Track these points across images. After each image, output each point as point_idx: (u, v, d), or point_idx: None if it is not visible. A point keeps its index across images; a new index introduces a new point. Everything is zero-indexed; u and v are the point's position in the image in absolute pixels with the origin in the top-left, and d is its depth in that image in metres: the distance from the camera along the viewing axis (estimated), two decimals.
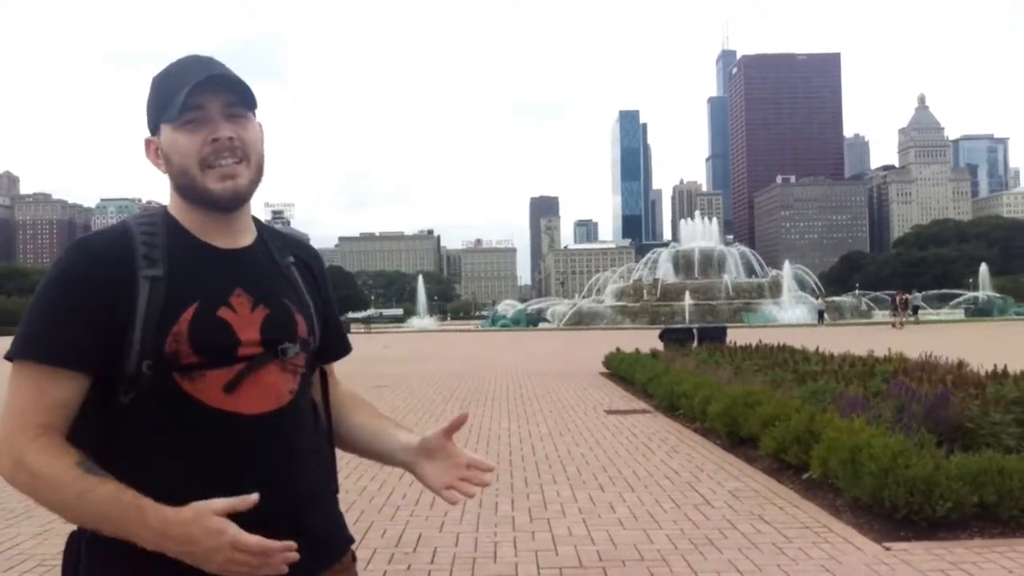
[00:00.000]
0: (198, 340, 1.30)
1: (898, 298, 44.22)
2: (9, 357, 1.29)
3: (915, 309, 51.87)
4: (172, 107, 1.33)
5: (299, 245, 1.55)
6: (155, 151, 1.39)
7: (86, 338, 1.27)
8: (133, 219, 1.39)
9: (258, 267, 1.42)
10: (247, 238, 1.44)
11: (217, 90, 1.34)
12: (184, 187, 1.37)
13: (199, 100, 1.33)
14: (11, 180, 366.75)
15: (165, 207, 1.42)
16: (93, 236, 1.36)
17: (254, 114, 1.41)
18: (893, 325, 39.16)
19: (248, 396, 1.32)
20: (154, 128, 1.39)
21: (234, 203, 1.38)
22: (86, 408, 1.30)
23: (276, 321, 1.38)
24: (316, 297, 1.49)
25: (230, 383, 1.31)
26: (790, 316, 51.32)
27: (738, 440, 7.57)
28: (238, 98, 1.37)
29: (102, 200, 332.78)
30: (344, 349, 1.62)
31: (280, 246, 1.49)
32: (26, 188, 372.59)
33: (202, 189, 1.35)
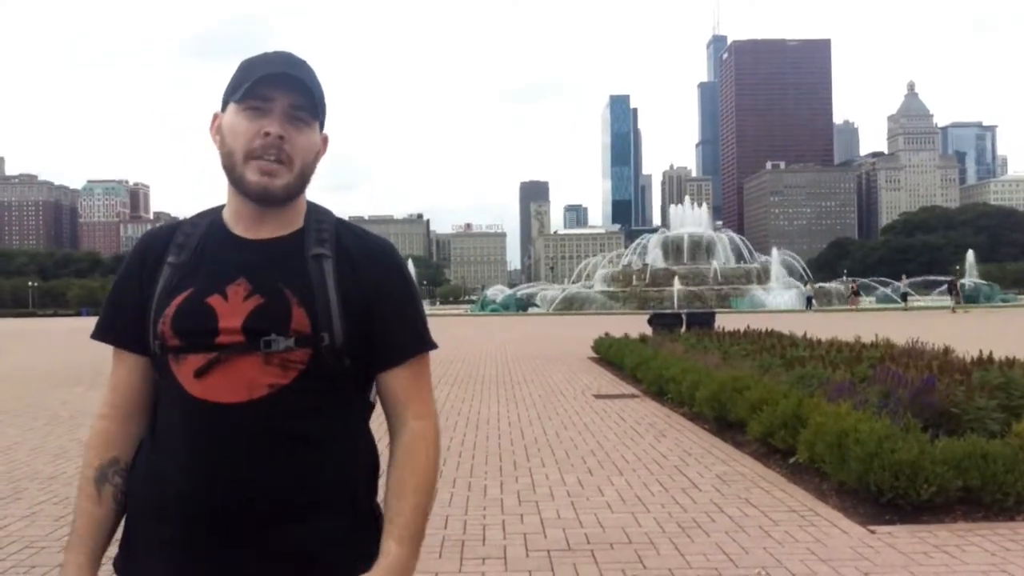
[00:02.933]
0: (178, 324, 1.34)
1: (955, 284, 45.55)
2: (91, 336, 1.50)
3: (904, 296, 52.21)
4: (241, 88, 1.35)
5: (356, 239, 1.44)
6: (217, 126, 1.41)
7: (126, 320, 1.42)
8: (191, 216, 1.49)
9: (274, 258, 1.38)
10: (286, 230, 1.41)
11: (289, 88, 1.36)
12: (226, 168, 1.39)
13: (270, 92, 1.35)
14: None
15: (223, 205, 1.46)
16: (149, 230, 1.51)
17: (321, 124, 1.43)
18: (952, 310, 40.05)
19: (215, 384, 1.31)
20: (224, 104, 1.41)
21: (263, 198, 1.37)
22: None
23: (265, 312, 1.33)
24: (355, 295, 1.37)
25: (200, 369, 1.32)
26: (778, 302, 51.50)
27: (726, 425, 7.61)
28: (305, 101, 1.38)
29: (88, 182, 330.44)
30: (394, 359, 1.42)
31: (323, 239, 1.40)
32: (11, 169, 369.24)
33: (239, 176, 1.37)
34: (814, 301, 49.70)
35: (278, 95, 1.35)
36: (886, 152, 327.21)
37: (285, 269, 1.37)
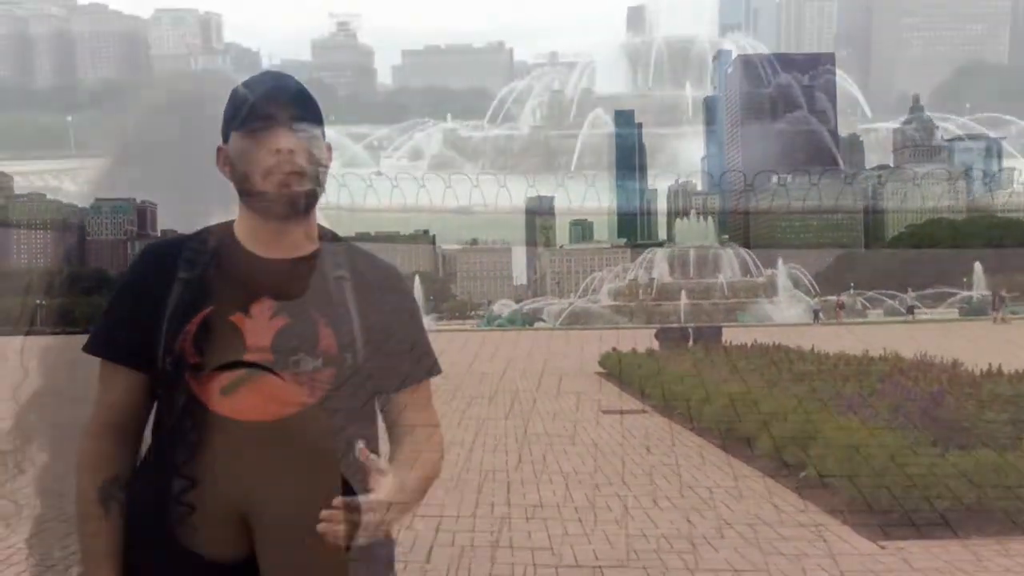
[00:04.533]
0: (203, 341, 1.33)
1: (996, 295, 45.91)
2: (85, 350, 1.45)
3: (911, 309, 52.08)
4: (241, 115, 1.38)
5: (369, 263, 1.48)
6: (224, 158, 1.42)
7: (135, 336, 1.38)
8: (194, 232, 1.47)
9: (296, 278, 1.39)
10: (302, 250, 1.42)
11: (286, 103, 1.38)
12: (244, 193, 1.40)
13: (268, 111, 1.37)
14: (5, 179, 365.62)
15: (233, 221, 1.46)
16: (155, 243, 1.50)
17: (322, 133, 1.44)
18: (994, 320, 40.20)
19: (245, 402, 1.31)
20: (226, 136, 1.42)
21: (288, 210, 1.38)
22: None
23: (294, 332, 1.34)
24: (373, 317, 1.41)
25: (227, 387, 1.32)
26: (785, 315, 51.34)
27: (735, 439, 7.56)
28: (305, 113, 1.40)
29: (97, 200, 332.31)
30: (405, 382, 1.47)
31: (340, 262, 1.43)
32: (20, 187, 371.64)
33: (259, 194, 1.38)
34: (821, 314, 49.54)
35: (277, 112, 1.37)
36: (892, 165, 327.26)
37: (307, 290, 1.39)
